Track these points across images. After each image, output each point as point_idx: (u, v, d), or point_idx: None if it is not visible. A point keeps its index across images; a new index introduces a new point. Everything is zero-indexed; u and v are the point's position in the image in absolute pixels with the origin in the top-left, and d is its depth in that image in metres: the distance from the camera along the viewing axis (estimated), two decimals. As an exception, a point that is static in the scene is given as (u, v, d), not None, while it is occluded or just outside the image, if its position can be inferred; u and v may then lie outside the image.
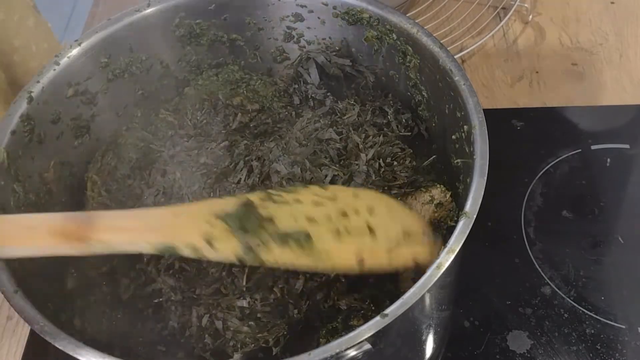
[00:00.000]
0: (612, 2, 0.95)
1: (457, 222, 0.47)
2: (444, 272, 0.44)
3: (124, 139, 0.63)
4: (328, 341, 0.48)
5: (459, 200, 0.55)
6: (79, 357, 0.44)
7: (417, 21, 0.61)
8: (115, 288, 0.58)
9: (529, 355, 0.65)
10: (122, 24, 0.61)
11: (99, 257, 0.58)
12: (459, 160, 0.55)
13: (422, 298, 0.44)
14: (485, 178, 0.48)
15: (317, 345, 0.47)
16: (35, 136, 0.57)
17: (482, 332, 0.67)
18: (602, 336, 0.66)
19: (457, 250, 0.45)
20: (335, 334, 0.53)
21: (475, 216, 0.47)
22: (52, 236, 0.47)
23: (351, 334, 0.43)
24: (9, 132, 0.55)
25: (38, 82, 0.57)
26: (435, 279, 0.44)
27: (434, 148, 0.61)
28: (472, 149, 0.50)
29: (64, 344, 0.45)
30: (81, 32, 0.89)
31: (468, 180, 0.49)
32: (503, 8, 0.93)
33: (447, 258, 0.45)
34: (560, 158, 0.79)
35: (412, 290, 0.43)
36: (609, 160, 0.79)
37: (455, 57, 0.57)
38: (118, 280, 0.58)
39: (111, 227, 0.48)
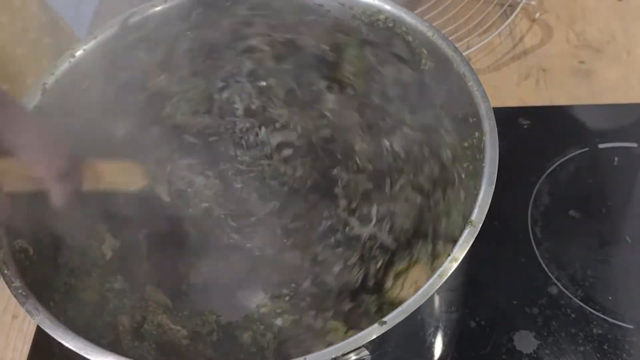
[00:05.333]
0: (620, 0, 0.95)
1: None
2: (446, 280, 0.44)
3: None
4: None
5: (466, 206, 0.55)
6: (76, 350, 0.44)
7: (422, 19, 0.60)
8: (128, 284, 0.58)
9: (535, 356, 0.65)
10: (139, 17, 0.61)
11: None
12: (468, 164, 0.54)
13: (426, 303, 0.43)
14: (494, 186, 0.48)
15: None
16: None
17: (488, 332, 0.67)
18: (609, 336, 0.66)
19: (461, 259, 0.45)
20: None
21: (480, 225, 0.46)
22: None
23: (347, 340, 0.42)
24: None
25: (52, 73, 0.57)
26: (437, 287, 0.43)
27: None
28: (481, 156, 0.50)
29: (61, 335, 0.44)
30: (88, 26, 0.89)
31: (476, 187, 0.49)
32: (510, 6, 0.93)
33: (449, 267, 0.44)
34: (568, 157, 0.79)
35: (412, 298, 0.43)
36: (616, 159, 0.78)
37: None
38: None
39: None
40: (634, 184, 0.77)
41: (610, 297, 0.68)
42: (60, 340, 0.45)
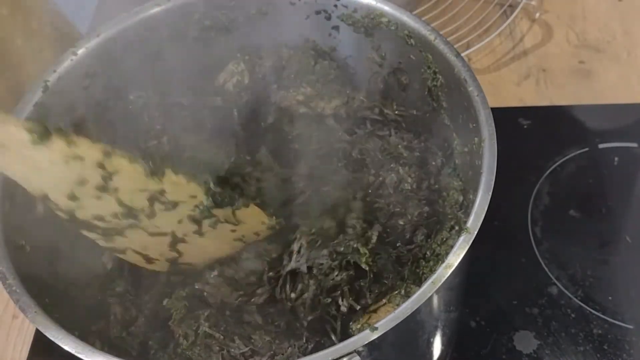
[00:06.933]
0: (620, 0, 0.95)
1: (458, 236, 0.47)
2: (440, 286, 0.44)
3: None
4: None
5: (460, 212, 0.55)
6: (67, 349, 0.44)
7: (422, 19, 0.60)
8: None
9: (535, 356, 0.65)
10: (142, 16, 0.61)
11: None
12: (470, 172, 0.54)
13: (425, 303, 0.43)
14: (490, 193, 0.48)
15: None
16: (49, 125, 0.56)
17: (488, 332, 0.67)
18: (609, 336, 0.66)
19: (455, 265, 0.45)
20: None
21: (476, 232, 0.46)
22: None
23: (338, 346, 0.42)
24: (22, 119, 0.54)
25: (54, 71, 0.57)
26: (430, 293, 0.43)
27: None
28: (480, 162, 0.50)
29: (53, 334, 0.45)
30: (90, 21, 0.89)
31: (473, 194, 0.49)
32: (510, 6, 0.93)
33: (443, 273, 0.44)
34: (568, 157, 0.79)
35: (404, 305, 0.43)
36: (616, 159, 0.78)
37: (462, 55, 0.56)
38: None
39: None
40: (634, 183, 0.77)
41: (610, 297, 0.68)
42: (52, 338, 0.45)
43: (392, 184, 0.61)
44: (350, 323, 0.53)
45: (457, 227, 0.53)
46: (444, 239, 0.54)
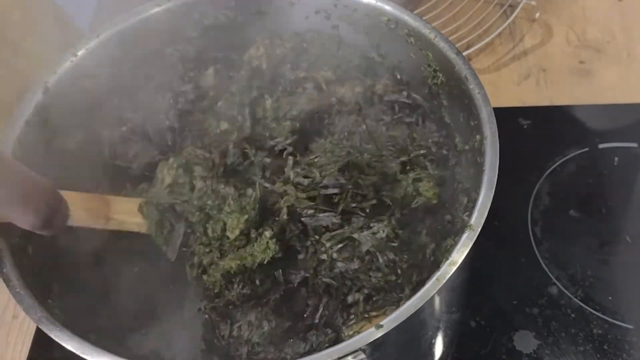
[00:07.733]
0: (620, 0, 0.95)
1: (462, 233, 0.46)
2: (444, 284, 0.44)
3: None
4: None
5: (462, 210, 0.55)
6: (72, 350, 0.44)
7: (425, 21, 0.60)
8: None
9: (535, 356, 0.65)
10: (142, 16, 0.61)
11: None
12: (471, 169, 0.54)
13: (426, 303, 0.43)
14: (493, 191, 0.48)
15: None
16: (50, 127, 0.57)
17: (488, 332, 0.67)
18: (609, 336, 0.66)
19: (459, 262, 0.45)
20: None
21: (479, 229, 0.46)
22: (85, 212, 0.53)
23: (344, 343, 0.42)
24: (23, 121, 0.55)
25: (55, 72, 0.57)
26: (435, 291, 0.43)
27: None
28: (482, 160, 0.50)
29: (58, 335, 0.45)
30: (90, 21, 0.89)
31: (475, 192, 0.49)
32: (510, 6, 0.93)
33: (448, 270, 0.44)
34: (568, 157, 0.79)
35: (408, 302, 0.43)
36: (616, 159, 0.78)
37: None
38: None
39: (123, 210, 0.56)
40: (634, 183, 0.77)
41: (610, 297, 0.68)
42: (57, 339, 0.45)
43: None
44: (344, 328, 0.53)
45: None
46: (448, 247, 0.53)
